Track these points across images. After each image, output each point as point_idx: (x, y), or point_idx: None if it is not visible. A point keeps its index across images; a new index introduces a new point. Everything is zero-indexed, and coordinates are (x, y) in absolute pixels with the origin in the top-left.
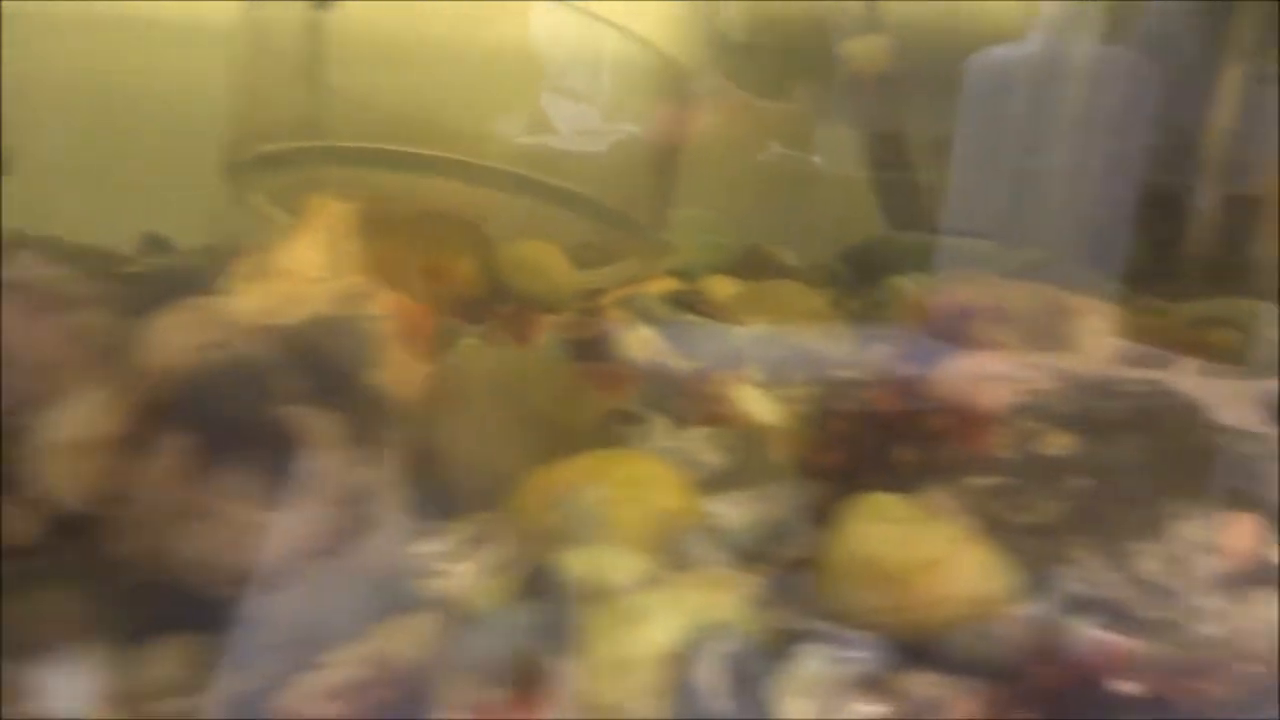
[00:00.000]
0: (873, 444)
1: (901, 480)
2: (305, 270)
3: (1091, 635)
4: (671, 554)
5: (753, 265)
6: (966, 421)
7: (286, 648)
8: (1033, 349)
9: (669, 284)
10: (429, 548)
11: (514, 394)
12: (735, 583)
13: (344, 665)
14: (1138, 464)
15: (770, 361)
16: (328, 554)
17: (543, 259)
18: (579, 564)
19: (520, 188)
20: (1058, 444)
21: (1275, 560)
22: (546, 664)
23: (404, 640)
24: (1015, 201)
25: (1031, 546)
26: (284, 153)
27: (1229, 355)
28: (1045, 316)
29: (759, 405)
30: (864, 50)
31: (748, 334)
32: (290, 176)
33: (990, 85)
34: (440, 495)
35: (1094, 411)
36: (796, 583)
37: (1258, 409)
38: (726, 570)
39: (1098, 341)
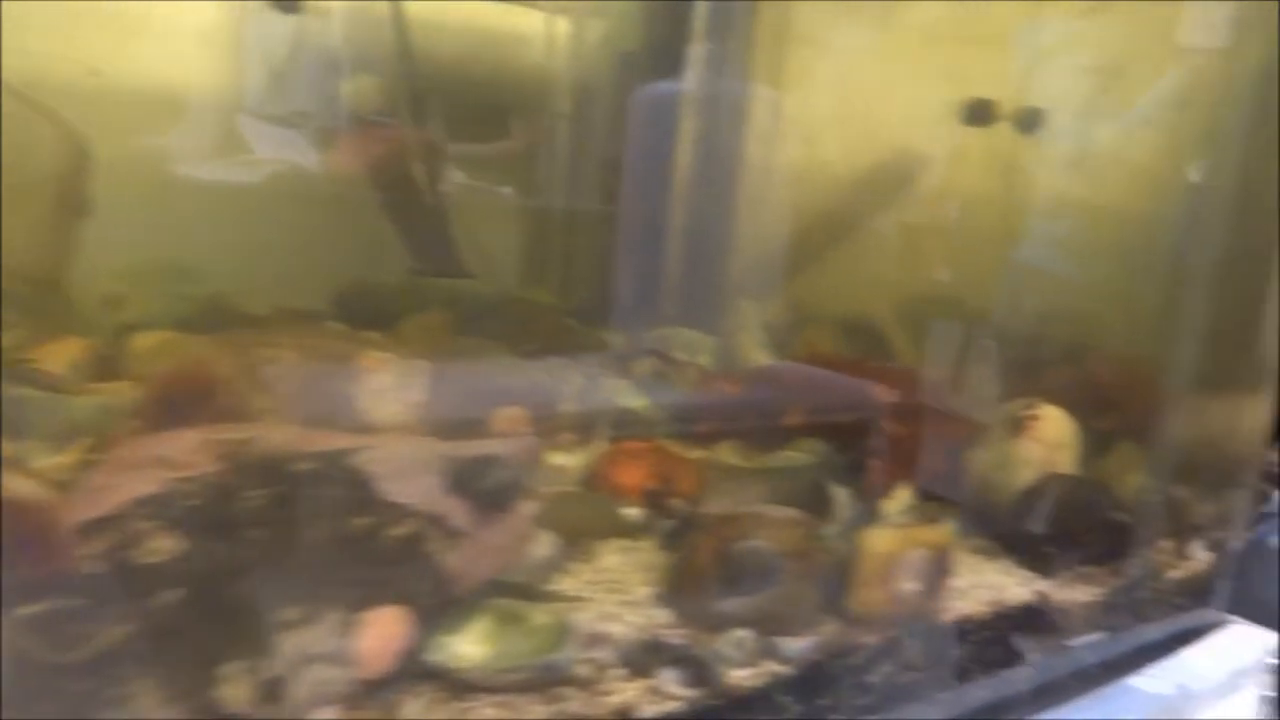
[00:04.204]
0: None
1: None
2: None
3: None
4: None
5: (215, 316)
6: (31, 535)
7: None
8: (305, 414)
9: (70, 348)
10: None
11: None
12: None
13: None
14: (266, 562)
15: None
16: None
17: None
18: None
19: None
20: (159, 550)
21: (428, 658)
22: None
23: None
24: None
25: (76, 687)
26: None
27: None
28: (325, 378)
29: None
30: (357, 91)
31: (90, 405)
32: None
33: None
34: None
35: (241, 500)
36: None
37: (439, 479)
38: None
39: (385, 400)
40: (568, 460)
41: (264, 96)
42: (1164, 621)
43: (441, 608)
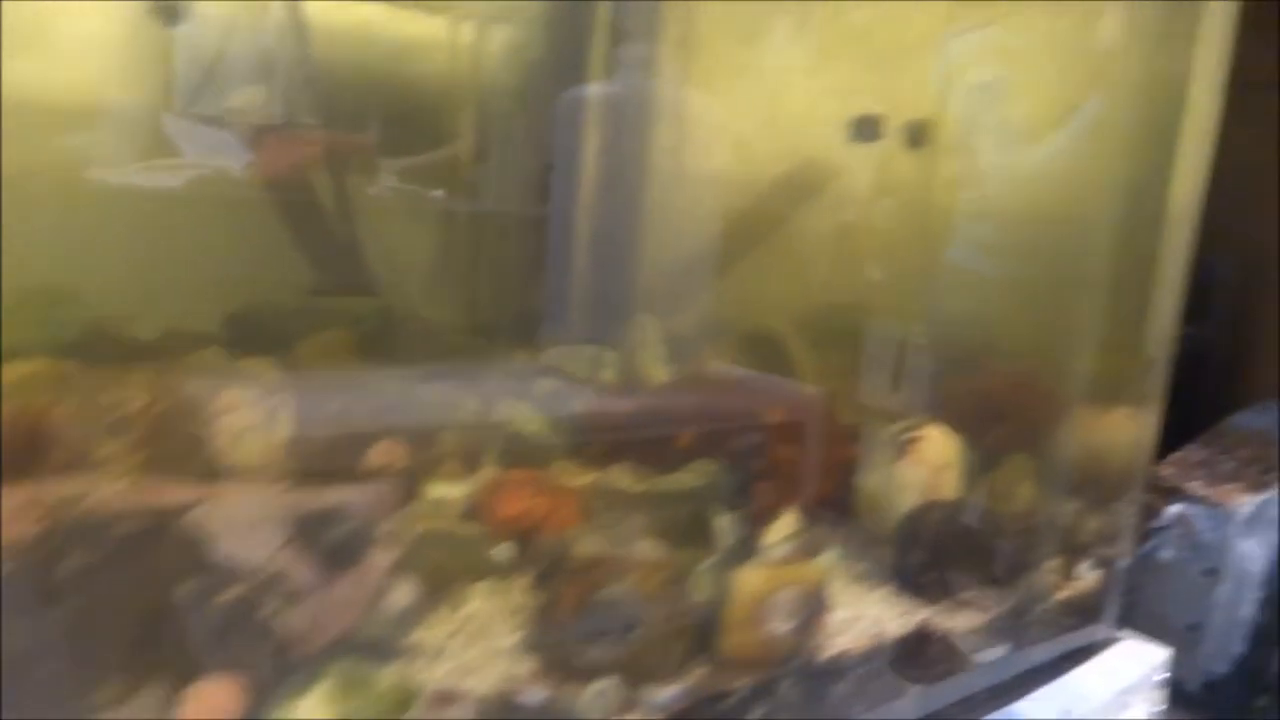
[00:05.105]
0: None
1: None
2: None
3: None
4: None
5: (96, 343)
6: None
7: None
8: (154, 460)
9: None
10: None
11: None
12: None
13: None
14: (78, 635)
15: None
16: None
17: None
18: None
19: None
20: None
21: None
22: None
23: None
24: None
25: None
26: None
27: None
28: (176, 419)
29: None
30: (243, 102)
31: None
32: None
33: None
34: None
35: (57, 568)
36: None
37: (281, 533)
38: None
39: (245, 441)
40: (451, 491)
41: (154, 104)
42: (1053, 642)
43: (278, 675)
